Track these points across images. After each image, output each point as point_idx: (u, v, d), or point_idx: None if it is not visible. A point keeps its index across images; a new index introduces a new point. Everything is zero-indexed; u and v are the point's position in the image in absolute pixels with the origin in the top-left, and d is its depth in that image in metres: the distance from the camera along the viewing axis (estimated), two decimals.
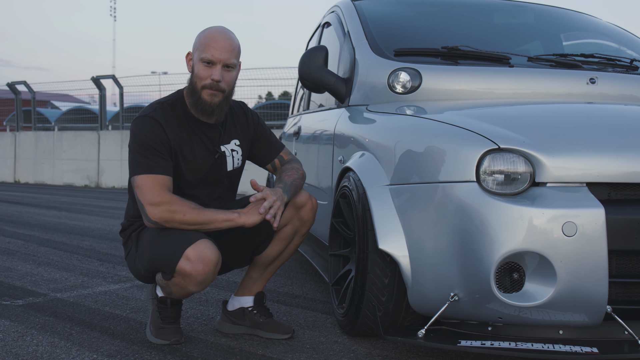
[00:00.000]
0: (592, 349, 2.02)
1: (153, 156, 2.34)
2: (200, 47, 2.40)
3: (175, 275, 2.30)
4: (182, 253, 2.25)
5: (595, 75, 2.91)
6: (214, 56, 2.38)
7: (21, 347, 2.46)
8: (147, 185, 2.31)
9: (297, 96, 5.11)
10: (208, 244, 2.28)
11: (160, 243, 2.34)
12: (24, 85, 15.11)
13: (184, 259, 2.25)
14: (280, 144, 2.73)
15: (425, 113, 2.56)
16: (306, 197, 2.60)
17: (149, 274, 2.45)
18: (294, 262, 4.46)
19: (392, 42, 3.13)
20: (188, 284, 2.30)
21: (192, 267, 2.24)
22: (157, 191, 2.30)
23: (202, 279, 2.28)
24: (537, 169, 2.04)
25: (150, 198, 2.30)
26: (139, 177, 2.33)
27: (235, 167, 2.59)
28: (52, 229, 6.08)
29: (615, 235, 1.96)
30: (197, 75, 2.41)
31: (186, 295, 2.41)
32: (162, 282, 2.40)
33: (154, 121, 2.39)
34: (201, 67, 2.40)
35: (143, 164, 2.34)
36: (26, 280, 3.71)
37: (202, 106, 2.41)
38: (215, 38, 2.40)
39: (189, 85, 2.46)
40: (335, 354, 2.42)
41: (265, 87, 13.70)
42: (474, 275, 2.03)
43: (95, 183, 13.59)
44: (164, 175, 2.34)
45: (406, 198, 2.27)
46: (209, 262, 2.26)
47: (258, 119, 2.70)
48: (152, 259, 2.37)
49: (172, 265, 2.28)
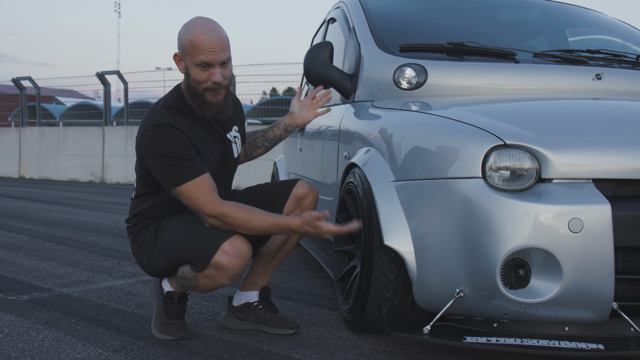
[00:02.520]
0: (598, 345, 2.02)
1: (185, 162, 2.31)
2: (191, 51, 2.31)
3: (209, 267, 2.32)
4: (219, 246, 2.30)
5: (601, 71, 2.90)
6: (209, 58, 2.31)
7: (27, 342, 2.47)
8: (193, 193, 2.30)
9: (302, 92, 5.10)
10: (243, 239, 2.35)
11: (193, 236, 2.36)
12: (28, 80, 15.13)
13: (220, 252, 2.29)
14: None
15: (431, 109, 2.55)
16: (307, 189, 2.63)
17: (170, 268, 2.45)
18: (298, 258, 4.46)
19: (397, 37, 3.12)
20: (221, 277, 2.34)
21: (229, 260, 2.29)
22: (205, 198, 2.30)
23: (237, 272, 2.33)
24: (543, 165, 2.04)
25: (202, 207, 2.31)
26: (182, 188, 2.31)
27: (239, 152, 2.65)
28: (57, 224, 6.09)
29: (622, 232, 1.95)
30: (195, 79, 2.35)
31: (214, 288, 2.42)
32: (189, 275, 2.40)
33: (170, 127, 2.33)
34: (198, 71, 2.34)
35: (179, 174, 2.30)
36: (31, 275, 3.72)
37: (210, 107, 2.40)
38: (204, 40, 2.29)
39: (187, 88, 2.41)
40: (341, 349, 2.43)
41: (270, 83, 13.71)
42: (479, 271, 2.03)
43: (99, 179, 13.61)
44: (203, 175, 2.32)
45: (412, 194, 2.27)
46: (245, 256, 2.33)
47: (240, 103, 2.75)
48: (182, 252, 2.38)
49: (207, 258, 2.31)
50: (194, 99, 2.40)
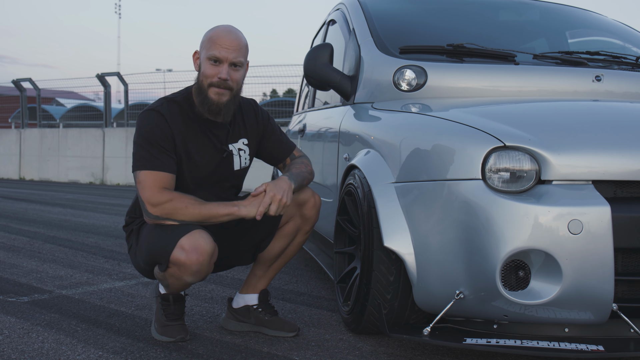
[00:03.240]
0: (598, 346, 2.02)
1: (157, 152, 2.34)
2: (207, 45, 2.39)
3: (171, 265, 2.30)
4: (176, 243, 2.25)
5: (601, 72, 2.90)
6: (220, 54, 2.36)
7: (27, 343, 2.47)
8: (148, 182, 2.31)
9: (302, 94, 5.11)
10: (203, 234, 2.28)
11: (157, 234, 2.34)
12: (29, 82, 15.14)
13: (178, 249, 2.25)
14: (292, 144, 2.71)
15: (431, 111, 2.56)
16: (309, 194, 2.59)
17: (148, 267, 2.45)
18: (299, 259, 4.47)
19: (397, 39, 3.13)
20: (183, 274, 2.30)
21: (186, 257, 2.24)
22: (157, 190, 2.30)
23: (197, 269, 2.27)
24: (542, 166, 2.04)
25: (150, 196, 2.30)
26: (142, 173, 2.33)
27: (242, 166, 2.58)
28: (57, 226, 6.09)
29: (621, 233, 1.95)
30: (203, 74, 2.39)
31: (183, 287, 2.41)
32: (159, 275, 2.40)
33: (159, 115, 2.39)
34: (208, 65, 2.38)
35: (146, 160, 2.33)
36: (31, 277, 3.72)
37: (209, 105, 2.40)
38: (222, 36, 2.39)
39: (196, 83, 2.45)
40: (341, 351, 2.43)
41: (270, 85, 13.71)
42: (479, 273, 2.03)
43: (100, 180, 13.62)
44: (166, 173, 2.34)
45: (411, 195, 2.27)
46: (204, 252, 2.25)
47: (268, 118, 2.68)
48: (149, 251, 2.37)
49: (167, 256, 2.28)
50: (199, 93, 2.42)
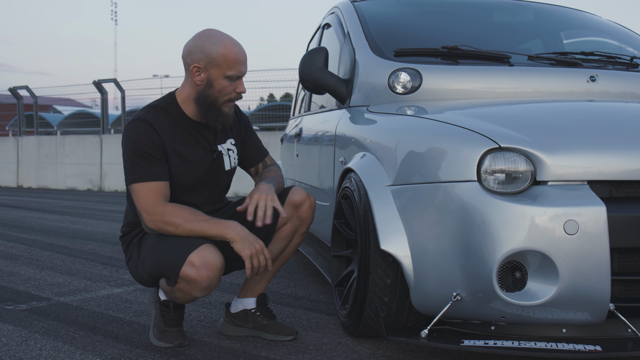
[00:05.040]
0: (596, 347, 2.02)
1: (147, 163, 2.34)
2: (224, 63, 2.36)
3: (180, 281, 2.30)
4: (186, 259, 2.25)
5: (595, 73, 2.90)
6: (240, 72, 2.39)
7: (25, 351, 2.47)
8: (143, 193, 2.33)
9: (298, 98, 5.11)
10: (212, 249, 2.28)
11: (163, 248, 2.34)
12: (26, 90, 15.14)
13: (187, 265, 2.25)
14: (265, 150, 2.76)
15: (426, 113, 2.56)
16: (304, 196, 2.61)
17: (152, 280, 2.45)
18: (296, 263, 4.46)
19: (392, 42, 3.13)
20: (193, 290, 2.31)
21: (196, 273, 2.24)
22: (151, 200, 2.32)
23: (207, 285, 2.28)
24: (538, 167, 2.04)
25: (145, 207, 2.32)
26: (135, 186, 2.34)
27: (232, 166, 2.61)
28: (55, 233, 6.09)
29: (617, 233, 1.96)
30: (220, 91, 2.39)
31: (191, 300, 2.42)
32: (166, 288, 2.40)
33: (146, 124, 2.38)
34: (225, 82, 2.38)
35: (137, 172, 2.34)
36: (29, 284, 3.71)
37: (223, 118, 2.43)
38: (237, 52, 2.38)
39: (201, 98, 2.40)
40: (339, 355, 2.42)
41: (267, 89, 13.72)
42: (476, 274, 2.03)
43: (97, 187, 13.61)
44: (159, 182, 2.35)
45: (408, 198, 2.27)
46: (214, 268, 2.26)
47: (247, 121, 2.73)
48: (155, 265, 2.37)
49: (176, 271, 2.28)
50: (209, 109, 2.41)
